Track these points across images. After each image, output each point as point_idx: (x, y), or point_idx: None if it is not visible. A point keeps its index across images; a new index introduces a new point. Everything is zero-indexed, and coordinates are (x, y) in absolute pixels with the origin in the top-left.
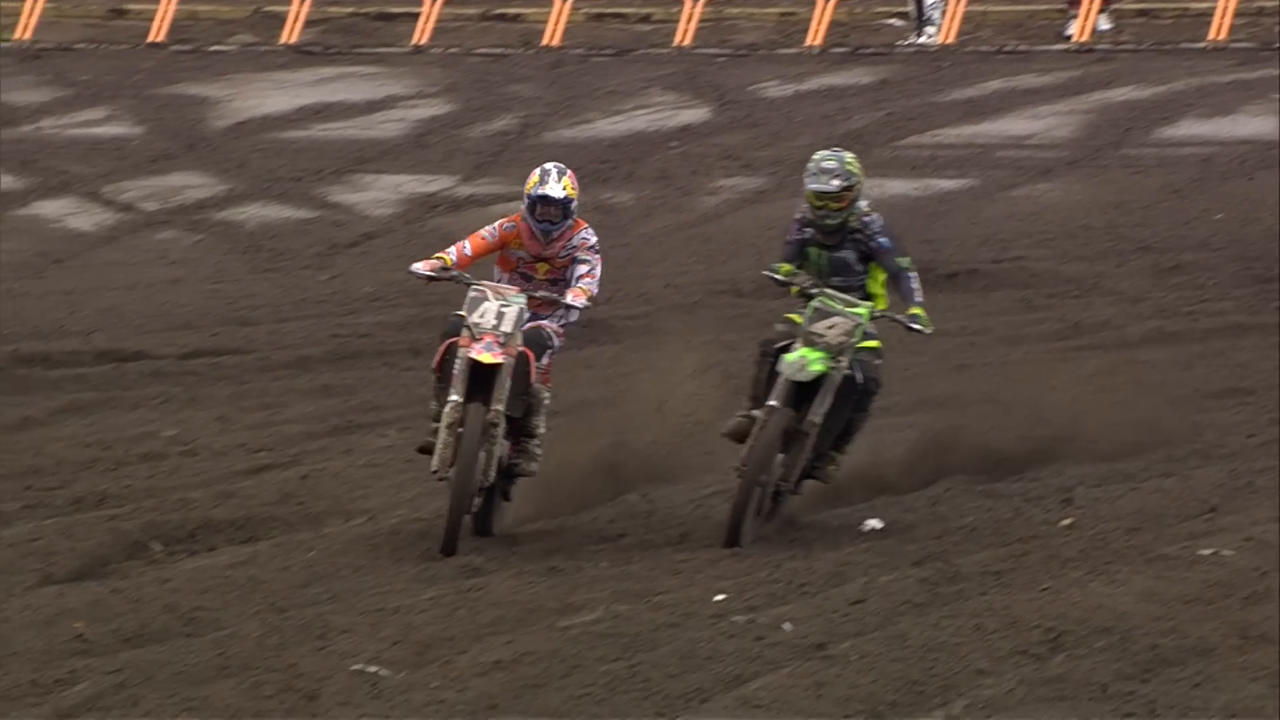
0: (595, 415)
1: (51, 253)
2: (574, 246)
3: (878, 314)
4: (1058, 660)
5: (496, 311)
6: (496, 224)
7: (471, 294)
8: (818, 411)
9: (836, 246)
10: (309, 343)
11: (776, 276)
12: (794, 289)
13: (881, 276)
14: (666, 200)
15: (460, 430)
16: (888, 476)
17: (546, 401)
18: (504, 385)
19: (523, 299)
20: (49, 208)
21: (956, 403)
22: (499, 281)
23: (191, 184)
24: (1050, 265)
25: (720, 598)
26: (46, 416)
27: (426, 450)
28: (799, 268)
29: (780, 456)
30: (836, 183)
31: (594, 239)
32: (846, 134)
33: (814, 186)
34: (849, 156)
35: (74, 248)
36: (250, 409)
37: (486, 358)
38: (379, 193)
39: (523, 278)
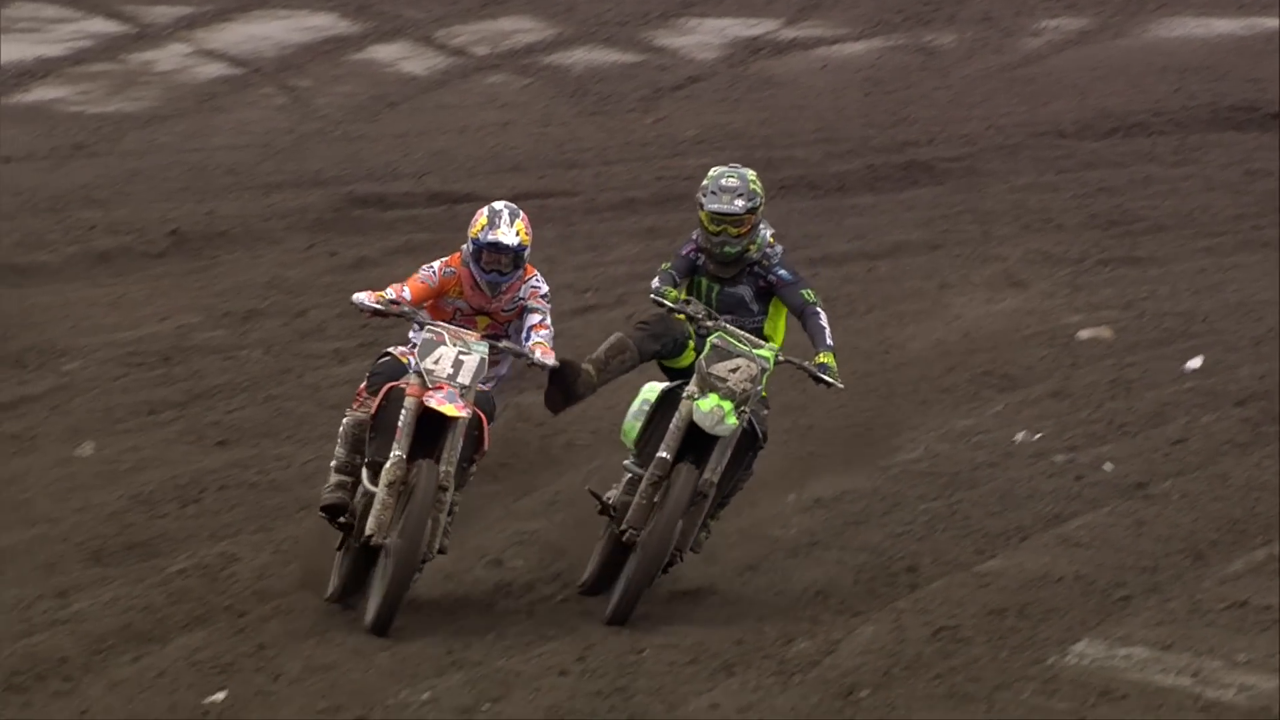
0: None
1: (385, 96)
2: (522, 298)
3: (783, 359)
4: None
5: (454, 359)
6: (436, 266)
7: (426, 335)
8: (715, 469)
9: (731, 281)
10: (634, 185)
11: (665, 302)
12: (682, 317)
13: (781, 321)
14: (988, 41)
15: (402, 489)
16: None
17: (471, 477)
18: (456, 445)
19: (485, 347)
20: (383, 52)
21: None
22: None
23: (521, 28)
24: None
25: (1020, 436)
26: (381, 256)
27: (334, 510)
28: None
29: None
30: (741, 203)
31: (545, 287)
32: None
33: (714, 207)
34: (751, 174)
35: (407, 91)
36: (577, 250)
37: (450, 410)
38: (703, 36)
39: None
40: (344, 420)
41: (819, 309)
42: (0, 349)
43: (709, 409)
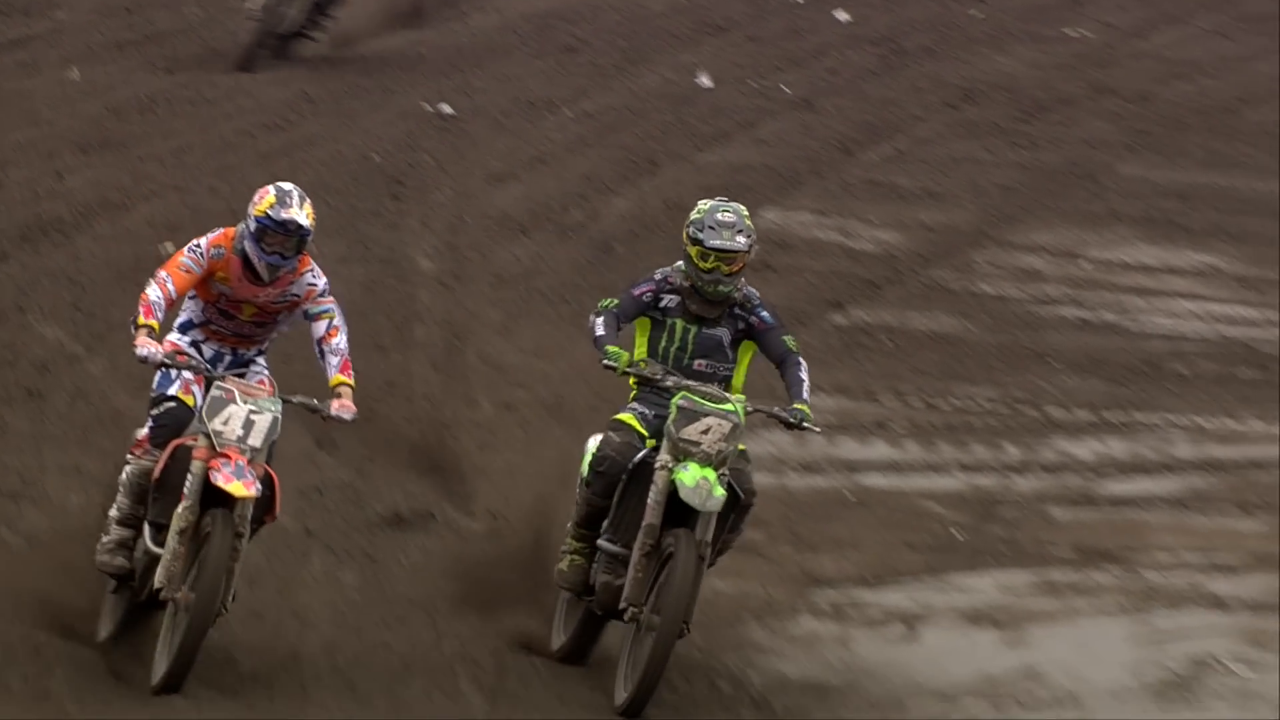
0: None
1: None
2: (296, 294)
3: (752, 409)
4: (970, 109)
5: (245, 419)
6: (202, 246)
7: (214, 393)
8: (705, 533)
9: (712, 322)
10: None
11: (614, 365)
12: (631, 380)
13: (745, 367)
14: None
15: (198, 539)
16: None
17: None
18: (247, 513)
19: (278, 405)
20: None
21: None
22: (193, 311)
23: None
24: None
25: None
26: None
27: (117, 574)
28: (651, 341)
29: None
30: (742, 239)
31: (322, 281)
32: None
33: (716, 243)
34: (743, 209)
35: None
36: None
37: (238, 489)
38: None
39: (222, 315)
40: (125, 468)
41: (800, 359)
42: (10, 3)
43: (694, 484)
